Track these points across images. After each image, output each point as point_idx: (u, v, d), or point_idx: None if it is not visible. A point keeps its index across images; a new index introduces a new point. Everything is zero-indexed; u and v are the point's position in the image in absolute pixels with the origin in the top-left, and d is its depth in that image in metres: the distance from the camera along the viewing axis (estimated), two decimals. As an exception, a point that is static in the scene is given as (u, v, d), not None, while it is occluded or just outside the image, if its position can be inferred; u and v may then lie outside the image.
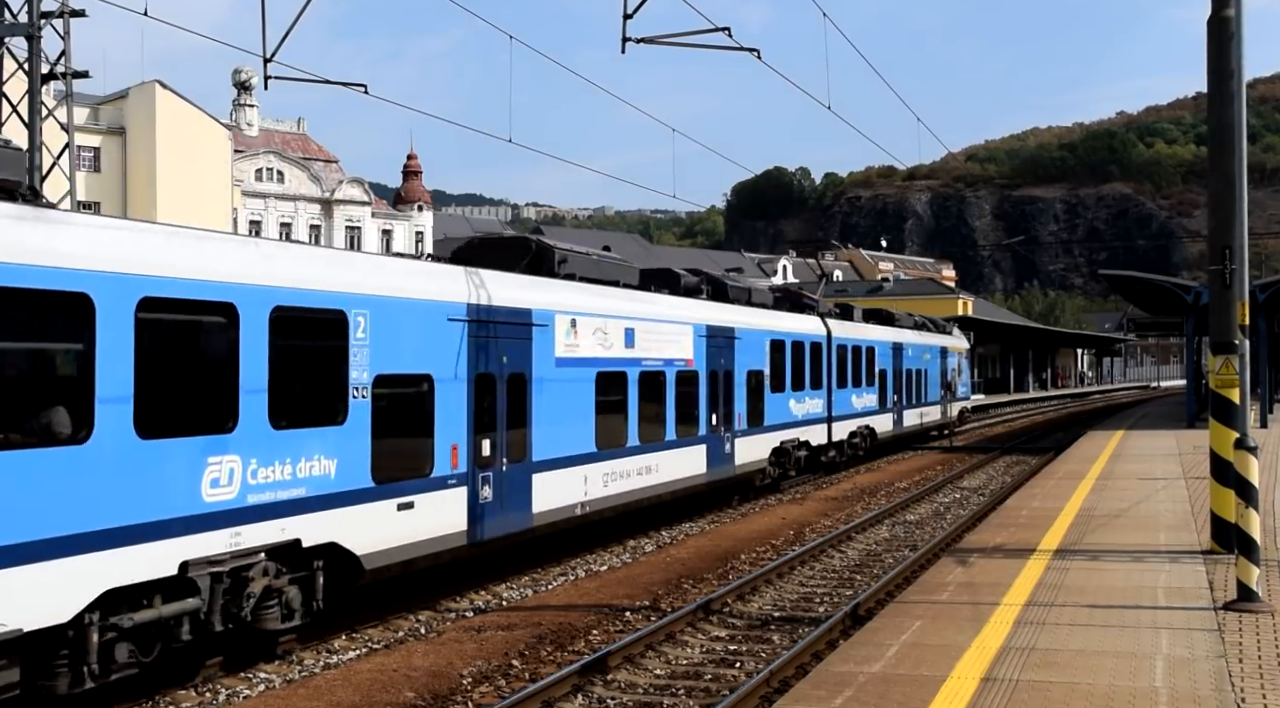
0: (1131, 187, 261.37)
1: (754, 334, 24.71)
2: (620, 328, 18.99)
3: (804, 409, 27.90)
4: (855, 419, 32.53)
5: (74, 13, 25.52)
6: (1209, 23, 13.92)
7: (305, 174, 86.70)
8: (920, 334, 40.83)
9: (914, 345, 39.20)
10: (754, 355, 24.64)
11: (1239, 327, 13.74)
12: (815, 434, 29.01)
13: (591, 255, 20.09)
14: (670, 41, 17.77)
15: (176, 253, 10.62)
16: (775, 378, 25.83)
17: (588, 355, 17.88)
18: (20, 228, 9.21)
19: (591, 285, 18.77)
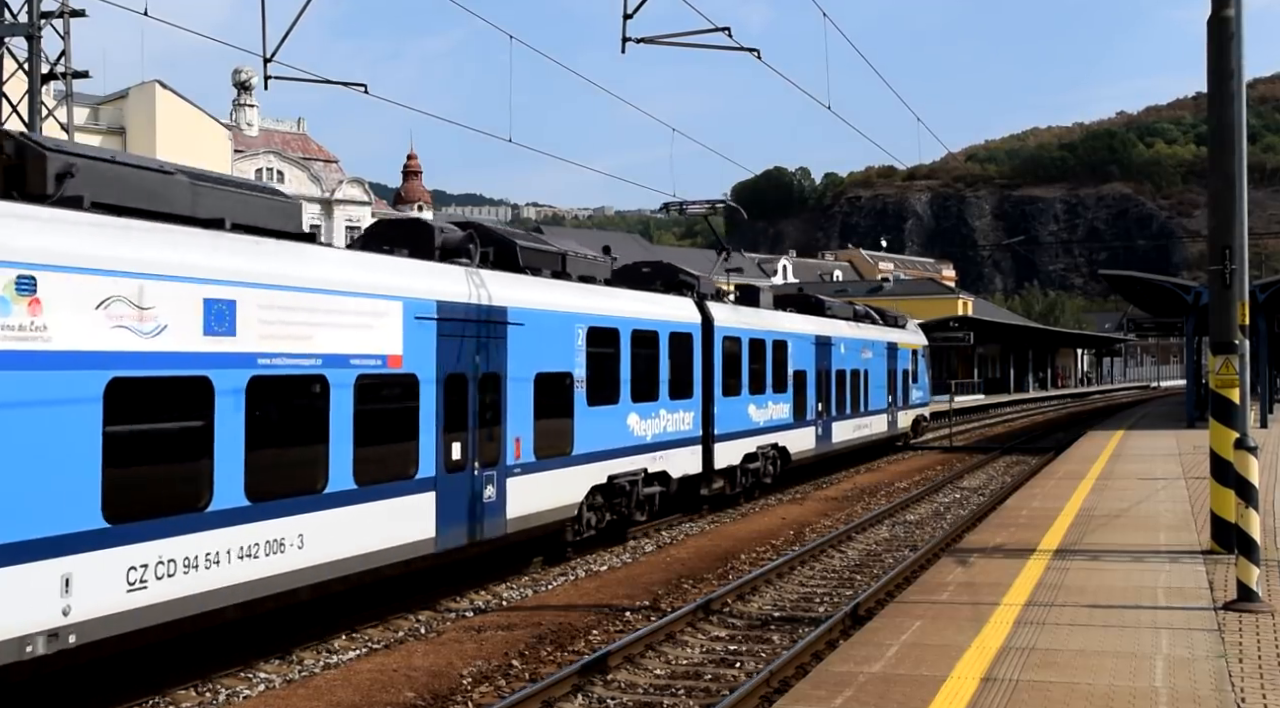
0: (1131, 187, 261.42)
1: (554, 320, 16.93)
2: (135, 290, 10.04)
3: (657, 427, 20.35)
4: (754, 437, 24.92)
5: (74, 13, 25.50)
6: (1209, 23, 13.92)
7: (305, 174, 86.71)
8: (858, 327, 34.21)
9: (849, 340, 32.38)
10: (553, 351, 16.88)
11: (1239, 327, 13.74)
12: (680, 461, 21.28)
13: None
14: (670, 41, 17.78)
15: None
16: (599, 383, 18.18)
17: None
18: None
19: None
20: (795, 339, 27.90)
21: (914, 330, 41.56)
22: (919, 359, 41.02)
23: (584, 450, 17.63)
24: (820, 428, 29.69)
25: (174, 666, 11.58)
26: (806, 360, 28.65)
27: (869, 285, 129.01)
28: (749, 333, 24.87)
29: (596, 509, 18.45)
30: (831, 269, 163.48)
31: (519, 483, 15.81)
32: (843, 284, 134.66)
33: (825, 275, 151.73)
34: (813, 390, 28.96)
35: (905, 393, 38.75)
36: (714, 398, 22.67)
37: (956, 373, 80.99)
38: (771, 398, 26.04)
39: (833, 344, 30.82)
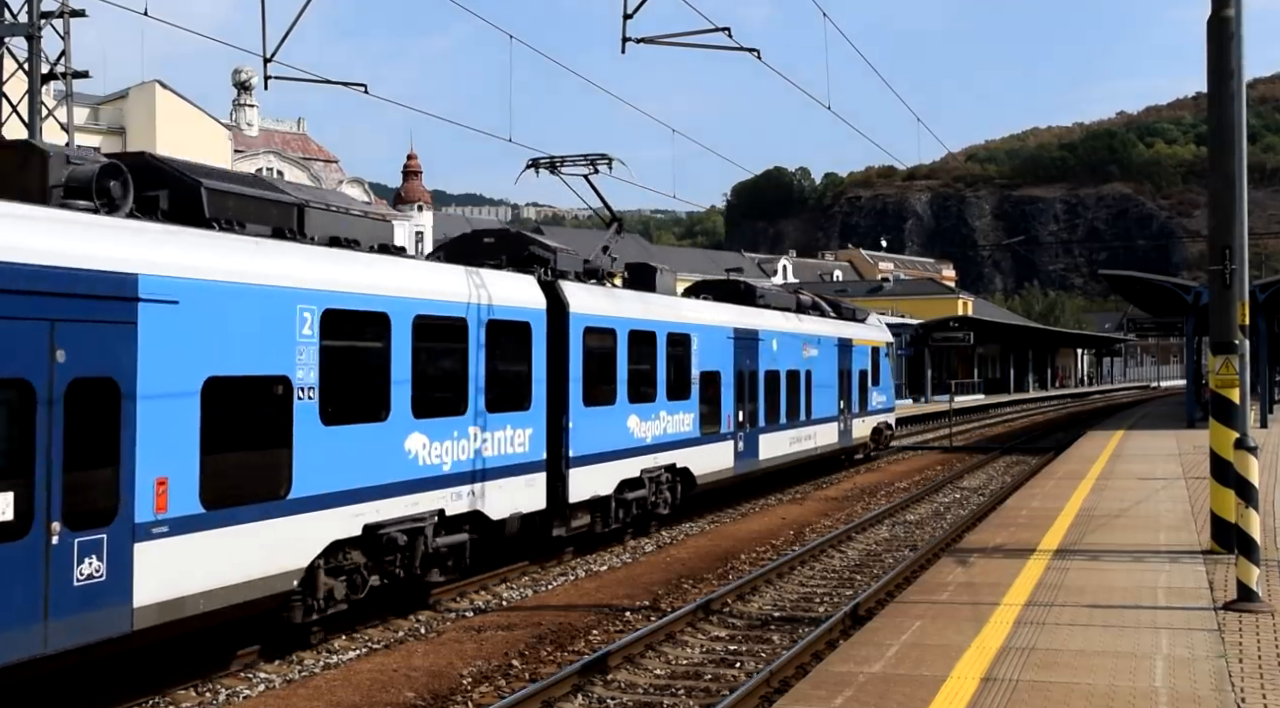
0: (1131, 187, 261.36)
1: (251, 299, 11.56)
2: None
3: (461, 451, 14.89)
4: (636, 458, 19.49)
5: (74, 13, 25.51)
6: (1209, 23, 13.93)
7: (305, 174, 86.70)
8: (798, 320, 28.81)
9: (785, 335, 26.98)
10: (246, 345, 11.48)
11: (1239, 327, 13.74)
12: (506, 496, 15.84)
13: None
14: (670, 41, 17.78)
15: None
16: (345, 393, 12.87)
17: None
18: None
19: None
20: (704, 333, 22.41)
21: (876, 325, 36.84)
22: (881, 358, 35.67)
23: (313, 491, 12.15)
24: (742, 442, 24.13)
25: (174, 666, 11.57)
26: (721, 359, 23.18)
27: (869, 285, 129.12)
28: (630, 324, 19.42)
29: (348, 573, 13.00)
30: (831, 269, 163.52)
31: (162, 549, 10.29)
32: (843, 284, 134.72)
33: (825, 275, 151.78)
34: (730, 396, 23.52)
35: (863, 398, 33.41)
36: (568, 409, 17.23)
37: (956, 373, 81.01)
38: (666, 407, 20.68)
39: (760, 340, 25.25)
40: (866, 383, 33.89)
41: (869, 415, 34.34)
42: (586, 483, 17.86)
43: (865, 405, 33.83)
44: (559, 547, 18.13)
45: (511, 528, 16.03)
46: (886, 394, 36.39)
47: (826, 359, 30.12)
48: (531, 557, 17.68)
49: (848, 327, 32.85)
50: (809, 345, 28.76)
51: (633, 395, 19.45)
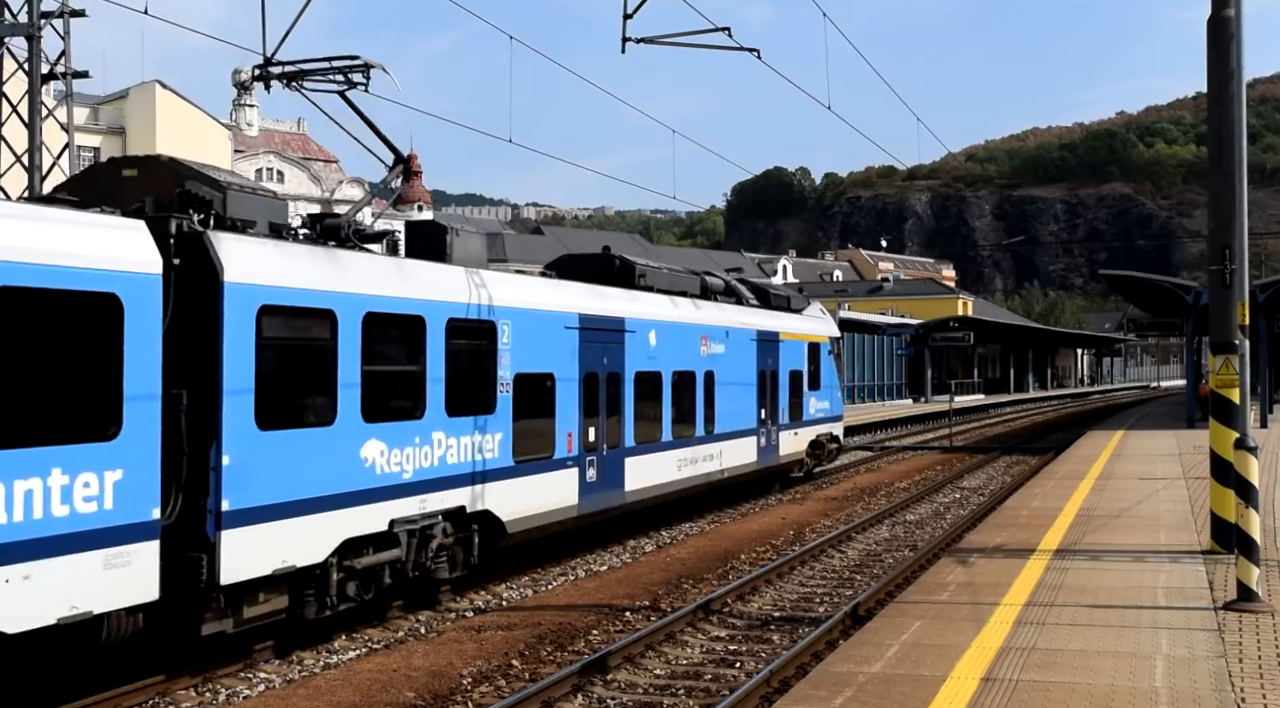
0: (1131, 187, 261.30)
1: None
2: None
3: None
4: (379, 503, 13.34)
5: (74, 13, 25.51)
6: (1209, 23, 13.93)
7: (305, 174, 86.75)
8: (693, 307, 22.36)
9: (669, 327, 20.83)
10: None
11: (1239, 327, 13.74)
12: (57, 589, 9.55)
13: None
14: (670, 41, 17.79)
15: None
16: None
17: None
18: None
19: None
20: (524, 320, 16.20)
21: (818, 316, 30.82)
22: (822, 357, 29.49)
23: None
24: (594, 470, 18.06)
25: (174, 665, 11.57)
26: (556, 356, 17.10)
27: (869, 285, 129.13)
28: (367, 304, 13.17)
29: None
30: (831, 269, 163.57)
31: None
32: (843, 284, 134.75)
33: (825, 275, 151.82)
34: (573, 407, 17.45)
35: (795, 405, 27.33)
36: (220, 434, 11.17)
37: (956, 373, 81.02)
38: (446, 425, 14.47)
39: (629, 331, 19.24)
40: (801, 387, 27.67)
41: (805, 426, 28.01)
42: (265, 549, 11.60)
43: (799, 414, 27.50)
44: (231, 644, 12.03)
45: (113, 632, 10.14)
46: (830, 400, 30.04)
47: (739, 357, 23.89)
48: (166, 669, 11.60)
49: (774, 317, 26.61)
50: (711, 340, 22.62)
51: (373, 410, 13.13)
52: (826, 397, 29.92)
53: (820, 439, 29.55)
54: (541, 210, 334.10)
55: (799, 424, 27.70)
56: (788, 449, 26.96)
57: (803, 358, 28.10)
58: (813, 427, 28.80)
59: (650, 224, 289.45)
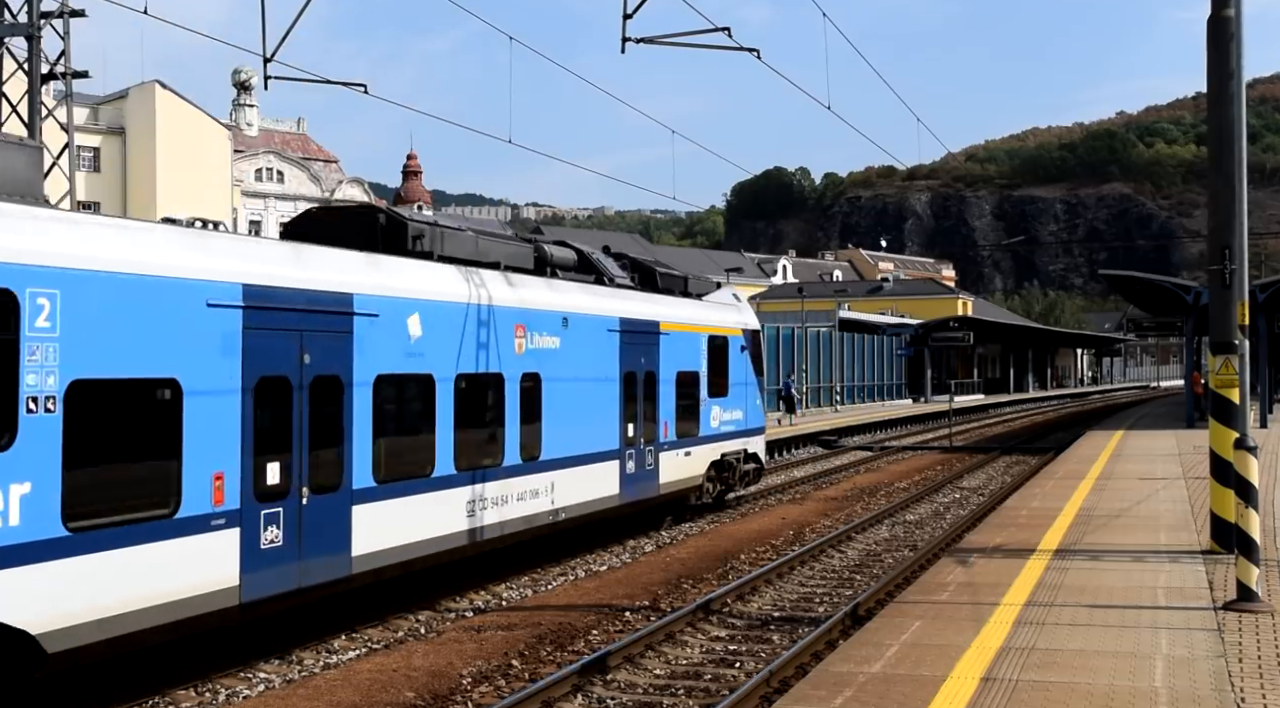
0: (1131, 187, 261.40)
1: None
2: None
3: None
4: None
5: (74, 13, 25.52)
6: (1209, 23, 13.93)
7: (305, 174, 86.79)
8: (505, 284, 16.33)
9: (442, 310, 14.73)
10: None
11: (1239, 327, 13.74)
12: None
13: None
14: (670, 41, 17.78)
15: None
16: None
17: None
18: None
19: None
20: (89, 290, 9.94)
21: (728, 304, 24.52)
22: (732, 355, 23.39)
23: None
24: (283, 529, 11.93)
25: (174, 666, 11.57)
26: (182, 352, 10.88)
27: (869, 285, 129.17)
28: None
29: None
30: (831, 269, 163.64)
31: None
32: (843, 284, 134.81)
33: (825, 275, 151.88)
34: (227, 433, 11.31)
35: (687, 416, 21.33)
36: None
37: (956, 373, 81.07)
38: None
39: (361, 315, 13.23)
40: (696, 393, 21.70)
41: (703, 443, 21.96)
42: None
43: (694, 428, 21.57)
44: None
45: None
46: (743, 408, 23.92)
47: (590, 354, 18.01)
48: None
49: (654, 303, 20.46)
50: (536, 330, 16.60)
51: None
52: (738, 404, 23.60)
53: (729, 459, 23.18)
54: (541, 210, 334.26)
55: (693, 442, 21.57)
56: (674, 475, 20.74)
57: (699, 355, 21.89)
58: (716, 443, 22.56)
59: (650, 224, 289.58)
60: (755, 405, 24.74)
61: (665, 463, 20.51)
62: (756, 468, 25.13)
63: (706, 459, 22.33)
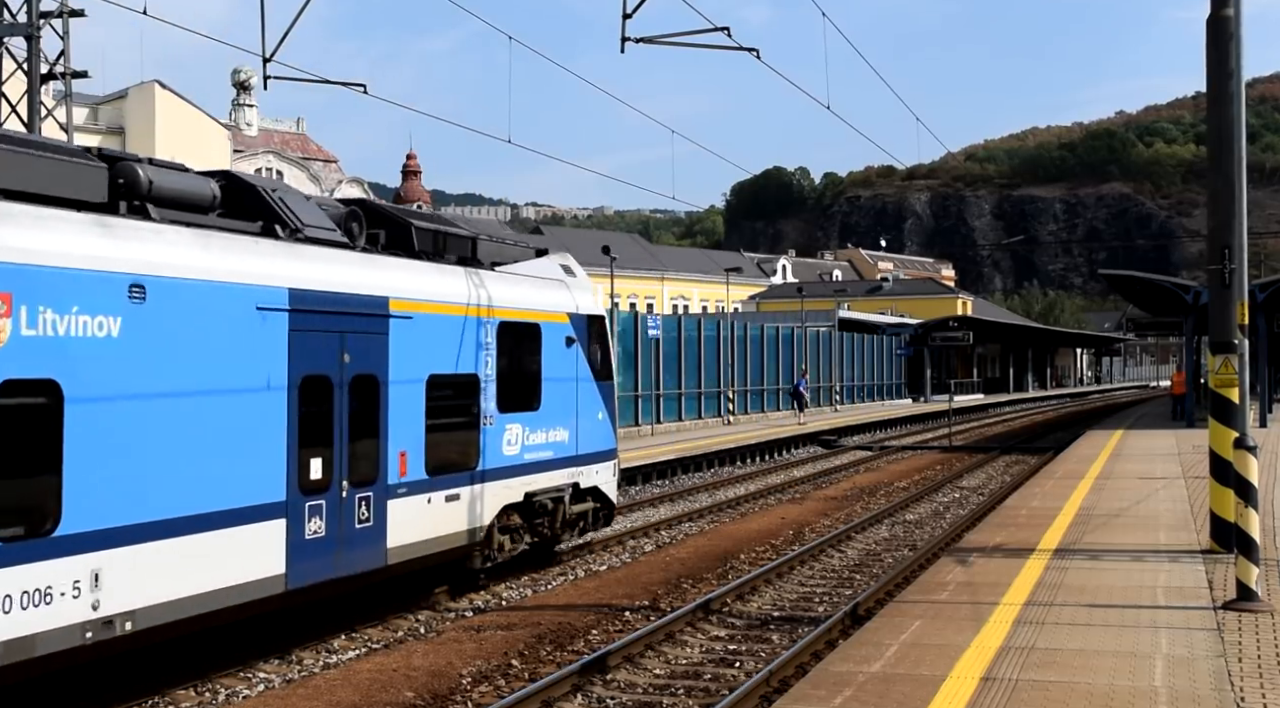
0: (1131, 186, 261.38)
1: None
2: None
3: None
4: None
5: (73, 12, 25.52)
6: (1208, 22, 13.93)
7: (305, 174, 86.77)
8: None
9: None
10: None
11: (1238, 326, 13.75)
12: None
13: None
14: (669, 41, 17.79)
15: None
16: None
17: None
18: None
19: None
20: None
21: (549, 279, 17.19)
22: (550, 349, 16.73)
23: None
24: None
25: (173, 666, 11.57)
26: None
27: (869, 285, 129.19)
28: None
29: None
30: (831, 269, 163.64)
31: None
32: (842, 283, 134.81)
33: (825, 275, 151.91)
34: None
35: (448, 440, 14.55)
36: None
37: (956, 373, 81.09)
38: None
39: None
40: (475, 405, 15.01)
41: (488, 480, 15.16)
42: None
43: (468, 457, 14.82)
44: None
45: None
46: (571, 426, 17.06)
47: (199, 348, 10.92)
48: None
49: (375, 269, 13.46)
50: (49, 306, 9.40)
51: None
52: (561, 421, 16.67)
53: (544, 500, 16.25)
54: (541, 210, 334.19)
55: (465, 478, 14.59)
56: (421, 531, 13.72)
57: (480, 350, 14.95)
58: (516, 479, 15.64)
59: (650, 224, 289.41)
60: (597, 422, 17.65)
61: (400, 515, 13.22)
62: (599, 509, 17.96)
63: (495, 503, 15.12)
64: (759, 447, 36.99)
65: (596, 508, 18.09)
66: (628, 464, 28.80)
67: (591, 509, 17.93)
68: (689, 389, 44.79)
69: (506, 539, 15.86)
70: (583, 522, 17.85)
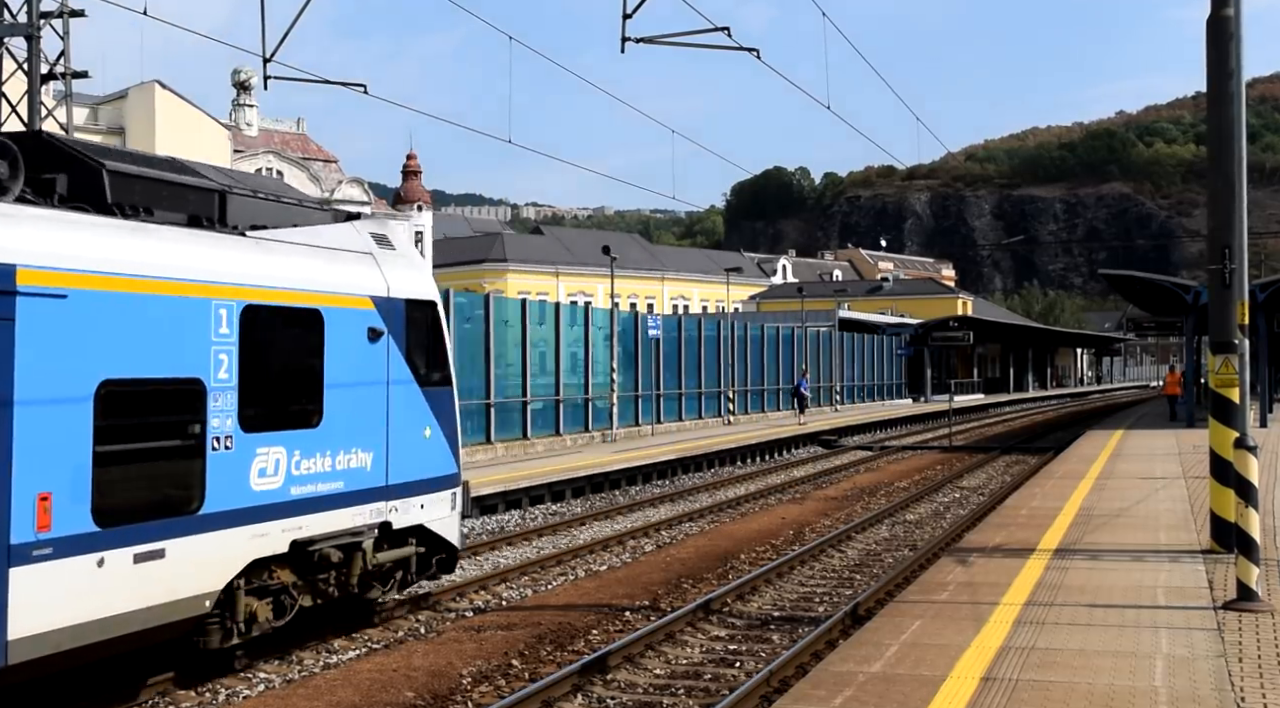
0: (1131, 186, 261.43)
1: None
2: None
3: None
4: None
5: (73, 13, 25.52)
6: (1208, 22, 13.93)
7: (305, 174, 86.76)
8: None
9: None
10: None
11: (1239, 326, 13.74)
12: None
13: None
14: (670, 41, 17.80)
15: None
16: None
17: None
18: None
19: None
20: None
21: (344, 249, 12.60)
22: (336, 343, 12.01)
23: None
24: None
25: (174, 666, 11.57)
26: None
27: (869, 285, 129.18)
28: None
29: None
30: (831, 269, 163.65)
31: None
32: (843, 283, 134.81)
33: (825, 275, 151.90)
34: None
35: (137, 474, 9.98)
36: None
37: (956, 373, 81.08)
38: None
39: None
40: (196, 422, 10.45)
41: (244, 523, 10.90)
42: None
43: (195, 493, 10.40)
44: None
45: None
46: (379, 446, 12.70)
47: None
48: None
49: (62, 230, 9.39)
50: None
51: None
52: (361, 442, 12.43)
53: (327, 550, 11.94)
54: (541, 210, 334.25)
55: (182, 527, 10.30)
56: (89, 610, 9.44)
57: (214, 346, 10.69)
58: (280, 521, 11.36)
59: (650, 224, 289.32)
60: (422, 441, 13.32)
61: (37, 588, 9.05)
62: (428, 554, 13.76)
63: (237, 557, 10.85)
64: (759, 447, 37.00)
65: (422, 554, 13.59)
66: (628, 464, 28.81)
67: (414, 555, 13.42)
68: (689, 389, 44.80)
69: (263, 605, 11.40)
70: (403, 572, 13.46)
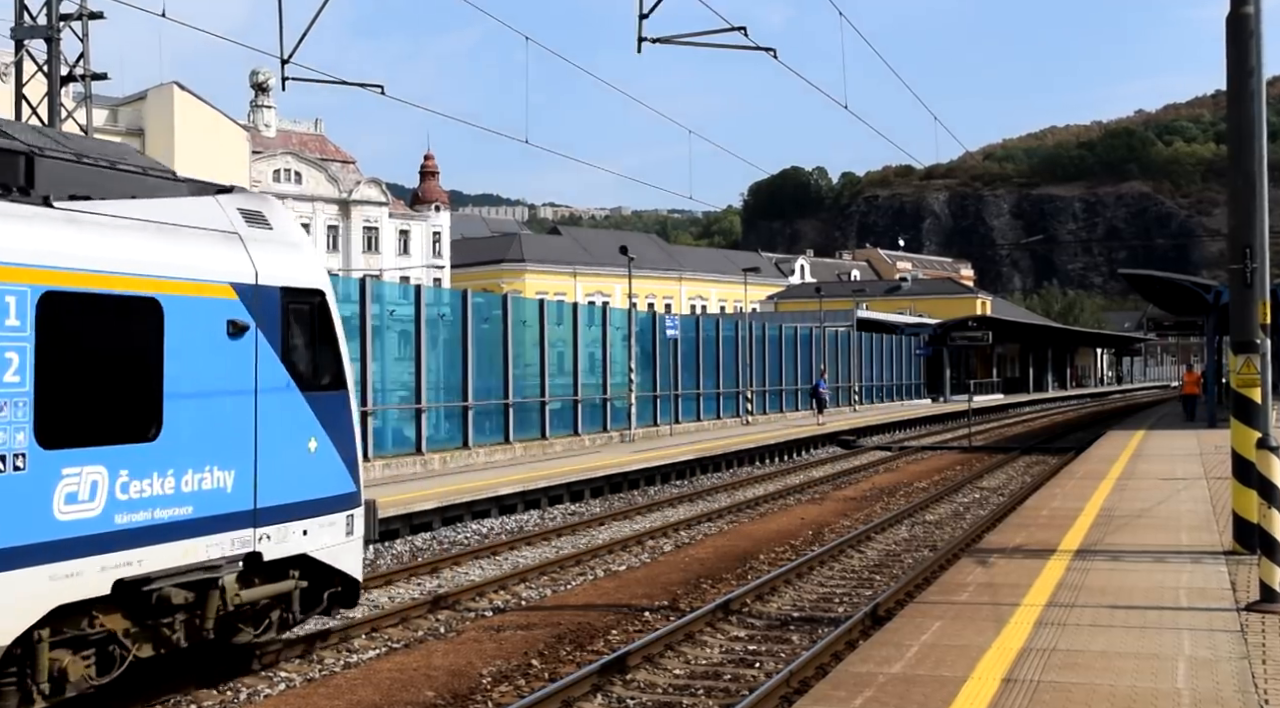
0: (1150, 185, 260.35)
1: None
2: None
3: None
4: None
5: (92, 15, 25.63)
6: (1228, 20, 13.86)
7: (323, 175, 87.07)
8: None
9: None
10: None
11: (1260, 326, 13.67)
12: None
13: None
14: (686, 41, 17.80)
15: None
16: None
17: None
18: None
19: None
20: None
21: (216, 232, 10.29)
22: (177, 340, 9.60)
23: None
24: None
25: (193, 666, 11.61)
26: None
27: (887, 285, 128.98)
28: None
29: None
30: (849, 269, 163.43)
31: None
32: (861, 284, 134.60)
33: (843, 275, 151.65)
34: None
35: None
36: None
37: (975, 373, 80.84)
38: None
39: None
40: None
41: (42, 561, 8.48)
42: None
43: None
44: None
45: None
46: (229, 459, 10.12)
47: None
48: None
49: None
50: None
51: None
52: (217, 458, 10.02)
53: (168, 588, 9.64)
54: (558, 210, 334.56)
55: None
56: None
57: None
58: (100, 557, 8.97)
59: (667, 224, 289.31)
60: (304, 455, 11.13)
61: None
62: (310, 590, 11.47)
63: (32, 604, 8.58)
64: (778, 447, 36.96)
65: (305, 588, 11.32)
66: (646, 464, 28.81)
67: (295, 590, 11.20)
68: (707, 389, 44.77)
69: (78, 660, 9.26)
70: (281, 610, 11.19)
